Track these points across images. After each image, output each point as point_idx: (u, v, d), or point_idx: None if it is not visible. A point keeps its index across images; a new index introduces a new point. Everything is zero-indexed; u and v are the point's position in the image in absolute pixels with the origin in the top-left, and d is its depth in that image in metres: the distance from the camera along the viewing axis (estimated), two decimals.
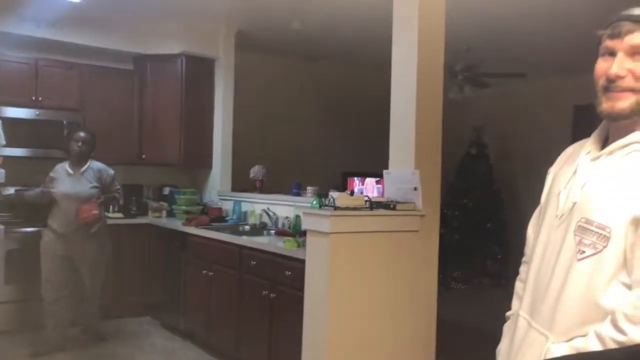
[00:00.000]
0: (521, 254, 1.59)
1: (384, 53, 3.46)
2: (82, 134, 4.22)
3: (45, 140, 4.88)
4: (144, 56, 5.41)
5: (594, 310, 1.20)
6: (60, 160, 4.42)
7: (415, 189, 3.13)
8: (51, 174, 4.22)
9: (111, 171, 4.37)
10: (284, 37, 5.79)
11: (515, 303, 1.53)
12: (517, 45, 5.75)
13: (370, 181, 4.38)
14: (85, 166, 4.22)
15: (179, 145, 5.37)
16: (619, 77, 1.21)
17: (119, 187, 4.48)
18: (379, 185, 3.92)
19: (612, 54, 1.24)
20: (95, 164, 4.29)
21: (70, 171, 4.18)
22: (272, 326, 3.48)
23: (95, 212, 4.10)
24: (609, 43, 1.24)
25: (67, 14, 4.78)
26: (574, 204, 1.28)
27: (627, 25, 1.21)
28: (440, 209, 3.31)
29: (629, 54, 1.21)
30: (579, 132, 1.45)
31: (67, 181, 4.15)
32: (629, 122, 1.25)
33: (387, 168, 3.31)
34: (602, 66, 1.25)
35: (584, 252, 1.22)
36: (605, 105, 1.25)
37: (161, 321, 4.87)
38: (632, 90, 1.21)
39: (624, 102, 1.22)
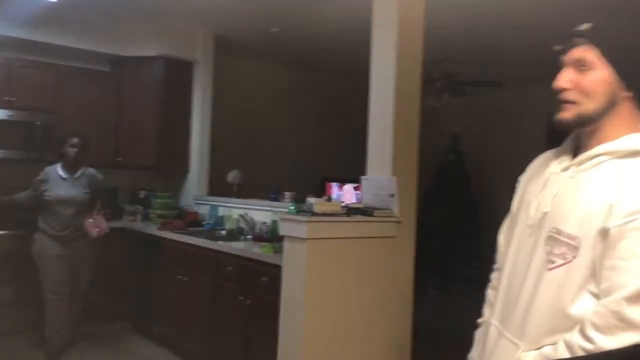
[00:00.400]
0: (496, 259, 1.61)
1: (363, 60, 3.48)
2: (77, 139, 4.19)
3: (17, 142, 4.79)
4: (121, 58, 5.35)
5: (563, 319, 1.23)
6: (40, 162, 4.41)
7: (392, 195, 3.14)
8: (41, 177, 4.15)
9: (101, 177, 4.41)
10: (264, 42, 5.79)
11: (486, 310, 1.55)
12: (494, 55, 5.83)
13: (348, 187, 4.40)
14: (80, 171, 4.23)
15: (155, 148, 5.32)
16: (563, 89, 1.27)
17: (105, 194, 4.54)
18: (358, 192, 3.93)
19: (564, 67, 1.30)
20: (89, 170, 4.32)
21: (64, 175, 4.17)
22: (248, 333, 3.45)
23: (106, 228, 4.25)
24: (561, 57, 1.31)
25: (43, 13, 4.69)
26: (545, 213, 1.31)
27: (574, 40, 1.27)
28: (416, 215, 3.33)
29: (575, 67, 1.27)
30: (553, 141, 1.48)
31: (62, 186, 4.14)
32: (598, 132, 1.29)
33: (365, 174, 3.32)
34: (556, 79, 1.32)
35: (554, 262, 1.25)
36: (557, 115, 1.31)
37: (135, 326, 4.80)
38: (575, 103, 1.27)
39: (567, 113, 1.28)
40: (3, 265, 4.47)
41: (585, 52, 1.26)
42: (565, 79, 1.28)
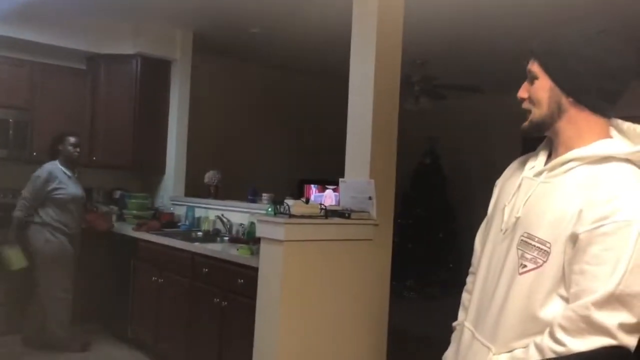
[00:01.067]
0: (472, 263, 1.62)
1: (342, 62, 3.49)
2: (77, 139, 4.37)
3: None
4: (97, 55, 5.27)
5: (533, 322, 1.25)
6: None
7: (370, 198, 3.15)
8: (46, 176, 4.17)
9: None
10: (243, 42, 5.76)
11: (461, 314, 1.57)
12: (473, 59, 5.89)
13: (329, 191, 4.40)
14: (76, 171, 4.45)
15: (131, 147, 5.25)
16: (521, 99, 1.38)
17: None
18: (337, 194, 3.94)
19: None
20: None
21: (69, 174, 4.32)
22: (223, 335, 3.42)
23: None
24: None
25: (18, 9, 4.60)
26: (517, 218, 1.33)
27: (529, 55, 1.38)
28: (394, 218, 3.34)
29: (528, 79, 1.37)
30: (529, 146, 1.51)
31: (71, 184, 4.30)
32: (560, 137, 1.34)
33: (343, 176, 3.33)
34: None
35: (525, 266, 1.28)
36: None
37: (108, 328, 4.73)
38: (530, 111, 1.37)
39: (525, 122, 1.38)
40: None
41: (532, 65, 1.36)
42: (521, 89, 1.39)
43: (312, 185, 6.14)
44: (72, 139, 4.34)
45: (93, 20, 5.11)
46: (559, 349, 1.17)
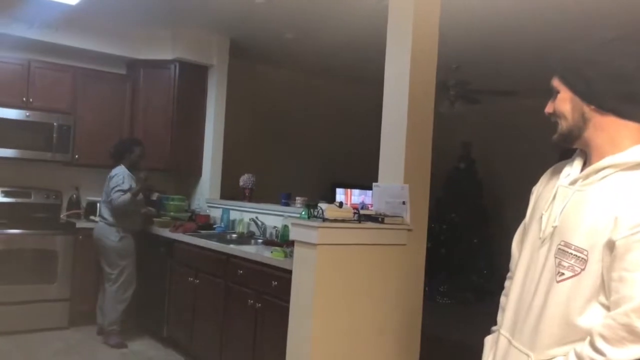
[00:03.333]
0: (506, 269, 1.62)
1: (377, 66, 3.49)
2: (142, 148, 4.70)
3: (34, 142, 4.85)
4: (137, 61, 5.41)
5: (572, 330, 1.24)
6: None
7: (404, 202, 3.14)
8: (131, 182, 4.50)
9: None
10: (278, 48, 5.83)
11: (500, 317, 1.57)
12: (508, 63, 5.82)
13: (356, 193, 4.41)
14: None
15: (169, 151, 5.36)
16: (548, 114, 1.42)
17: None
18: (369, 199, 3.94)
19: None
20: None
21: (134, 178, 4.60)
22: (257, 337, 3.46)
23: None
24: None
25: (61, 16, 4.77)
26: (554, 227, 1.33)
27: (552, 72, 1.42)
28: (427, 223, 3.33)
29: (553, 95, 1.41)
30: (566, 152, 1.50)
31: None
32: (592, 145, 1.34)
33: (377, 181, 3.33)
34: None
35: (563, 274, 1.27)
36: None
37: (144, 327, 4.83)
38: (558, 124, 1.40)
39: (555, 135, 1.42)
40: (34, 262, 4.67)
41: (553, 81, 1.41)
42: (547, 106, 1.43)
43: (347, 189, 6.17)
44: (138, 149, 4.65)
45: (133, 27, 5.25)
46: (599, 358, 1.16)
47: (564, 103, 1.37)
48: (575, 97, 1.34)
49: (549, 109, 1.42)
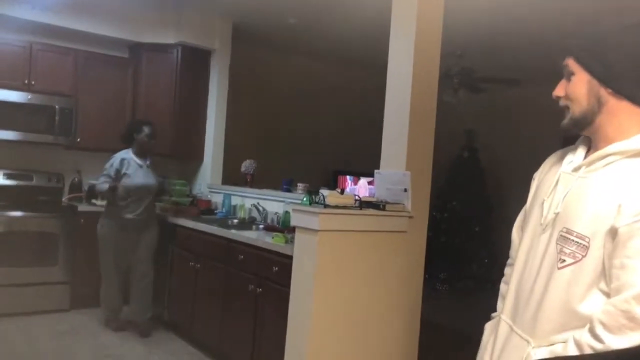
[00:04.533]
0: (507, 258, 1.62)
1: (380, 52, 3.47)
2: (150, 129, 4.37)
3: (35, 125, 4.85)
4: (139, 44, 5.38)
5: (573, 316, 1.24)
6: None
7: (405, 190, 3.14)
8: (117, 167, 4.27)
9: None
10: (281, 32, 5.79)
11: (499, 304, 1.57)
12: (512, 51, 5.78)
13: (363, 182, 4.39)
14: (148, 159, 4.45)
15: (171, 135, 5.35)
16: (558, 97, 1.38)
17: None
18: (372, 187, 3.93)
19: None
20: (150, 158, 4.50)
21: (140, 163, 4.36)
22: (257, 321, 3.48)
23: None
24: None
25: None
26: (556, 214, 1.32)
27: (564, 55, 1.39)
28: (429, 211, 3.32)
29: (566, 77, 1.37)
30: (569, 139, 1.49)
31: (139, 173, 4.34)
32: (601, 131, 1.32)
33: (378, 168, 3.32)
34: None
35: (564, 260, 1.27)
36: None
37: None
38: (568, 108, 1.37)
39: (565, 120, 1.38)
40: (36, 245, 4.67)
41: (567, 62, 1.37)
42: (557, 88, 1.40)
43: (348, 177, 6.14)
44: (147, 129, 4.36)
45: (136, 10, 5.21)
46: (598, 345, 1.16)
47: (580, 85, 1.34)
48: (593, 80, 1.32)
49: (559, 91, 1.39)
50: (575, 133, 1.40)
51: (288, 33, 5.79)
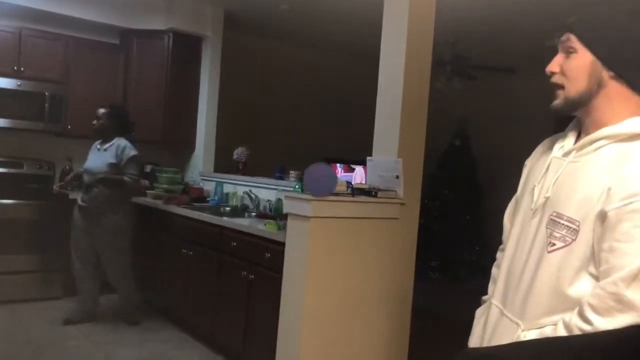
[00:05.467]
0: (498, 245, 1.63)
1: (373, 39, 3.46)
2: (100, 110, 4.26)
3: (25, 112, 4.80)
4: (130, 31, 5.33)
5: (562, 300, 1.25)
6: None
7: (397, 177, 3.15)
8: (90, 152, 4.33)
9: (132, 152, 4.22)
10: (273, 19, 5.75)
11: (490, 288, 1.59)
12: (505, 38, 5.78)
13: (359, 170, 4.39)
14: (110, 143, 4.25)
15: (162, 122, 5.33)
16: (552, 73, 1.34)
17: (133, 171, 4.23)
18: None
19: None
20: (122, 142, 4.24)
21: (98, 147, 4.30)
22: (249, 307, 3.49)
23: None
24: (557, 44, 1.36)
25: None
26: (547, 198, 1.33)
27: (562, 30, 1.34)
28: (421, 199, 3.34)
29: (564, 52, 1.33)
30: (560, 125, 1.50)
31: (92, 156, 4.29)
32: (594, 114, 1.32)
33: (370, 155, 3.33)
34: None
35: (554, 244, 1.28)
36: (551, 104, 1.37)
37: (137, 298, 4.85)
38: (562, 87, 1.33)
39: (557, 100, 1.35)
40: (27, 233, 4.65)
41: (567, 38, 1.32)
42: (552, 63, 1.35)
43: (338, 165, 6.14)
44: (97, 111, 4.26)
45: None
46: (586, 327, 1.17)
47: (581, 65, 1.30)
48: (596, 61, 1.29)
49: (554, 67, 1.34)
50: (565, 115, 1.37)
51: (280, 20, 5.76)
